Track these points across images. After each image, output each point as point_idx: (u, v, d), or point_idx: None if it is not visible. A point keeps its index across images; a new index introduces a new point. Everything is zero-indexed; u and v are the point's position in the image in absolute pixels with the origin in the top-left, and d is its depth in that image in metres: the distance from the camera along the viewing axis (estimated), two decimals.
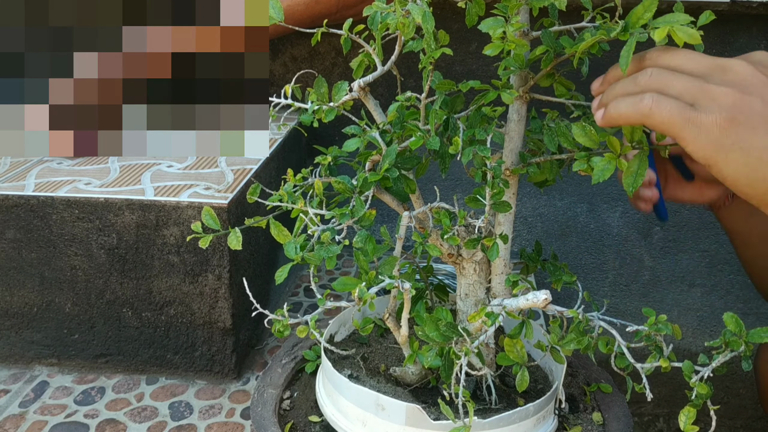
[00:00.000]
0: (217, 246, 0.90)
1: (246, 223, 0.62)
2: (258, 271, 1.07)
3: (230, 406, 0.92)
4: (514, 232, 1.47)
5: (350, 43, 0.61)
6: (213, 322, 0.94)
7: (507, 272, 0.66)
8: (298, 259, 0.56)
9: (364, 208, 0.57)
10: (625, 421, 0.71)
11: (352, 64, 0.63)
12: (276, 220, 0.62)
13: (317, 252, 0.57)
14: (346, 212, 0.57)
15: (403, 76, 1.41)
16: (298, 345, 0.84)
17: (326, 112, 0.58)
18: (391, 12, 0.53)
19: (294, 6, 1.23)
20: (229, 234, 0.59)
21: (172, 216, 0.90)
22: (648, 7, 0.45)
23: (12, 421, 0.88)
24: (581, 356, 0.82)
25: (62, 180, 0.98)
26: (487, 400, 0.69)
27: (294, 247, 0.57)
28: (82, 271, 0.94)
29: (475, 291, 0.68)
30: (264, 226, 0.61)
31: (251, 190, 0.62)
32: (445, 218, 0.63)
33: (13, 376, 0.98)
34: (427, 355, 0.58)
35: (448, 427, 0.59)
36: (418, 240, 0.61)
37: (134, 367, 0.99)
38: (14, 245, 0.94)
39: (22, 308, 0.96)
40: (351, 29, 0.60)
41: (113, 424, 0.88)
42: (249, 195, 0.62)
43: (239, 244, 0.59)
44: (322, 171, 0.64)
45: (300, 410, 0.74)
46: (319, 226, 0.57)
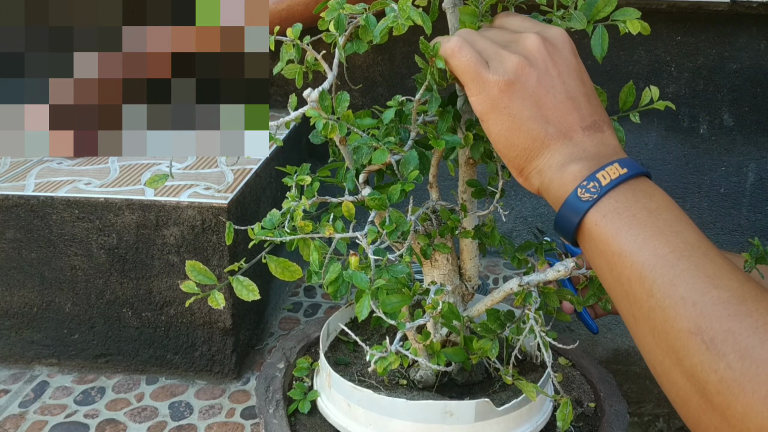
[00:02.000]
0: (217, 246, 0.90)
1: (234, 267, 0.60)
2: (258, 272, 1.07)
3: (230, 406, 0.92)
4: (515, 232, 1.47)
5: (300, 49, 0.60)
6: (213, 322, 0.94)
7: (476, 258, 0.72)
8: (373, 289, 0.53)
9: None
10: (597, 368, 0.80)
11: (286, 74, 0.62)
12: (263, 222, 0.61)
13: (386, 274, 0.55)
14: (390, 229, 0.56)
15: (404, 77, 1.41)
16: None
17: (333, 128, 0.56)
18: (390, 15, 0.52)
19: (294, 6, 1.23)
20: (209, 295, 0.57)
21: (172, 216, 0.90)
22: (609, 2, 0.50)
23: (12, 421, 0.88)
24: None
25: (62, 180, 0.98)
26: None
27: (362, 278, 0.54)
28: (82, 271, 0.94)
29: (450, 279, 0.70)
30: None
31: (227, 233, 0.62)
32: (445, 213, 0.65)
33: (13, 376, 0.98)
34: (487, 347, 0.62)
35: (510, 411, 0.64)
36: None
37: (134, 367, 0.99)
38: (14, 245, 0.94)
39: (22, 308, 0.96)
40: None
41: (113, 424, 0.88)
42: (227, 236, 0.62)
43: (220, 305, 0.57)
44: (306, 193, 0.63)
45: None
46: (369, 250, 0.55)
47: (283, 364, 0.81)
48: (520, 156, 0.47)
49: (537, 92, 0.46)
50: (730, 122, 1.37)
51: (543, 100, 0.46)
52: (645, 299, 0.40)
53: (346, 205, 0.61)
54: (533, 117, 0.46)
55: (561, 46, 0.47)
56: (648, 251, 0.40)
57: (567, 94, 0.46)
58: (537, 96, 0.46)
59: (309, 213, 0.63)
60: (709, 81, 1.35)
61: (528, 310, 0.61)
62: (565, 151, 0.45)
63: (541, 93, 0.46)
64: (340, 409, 0.70)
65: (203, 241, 0.90)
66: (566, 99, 0.46)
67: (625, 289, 0.41)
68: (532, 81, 0.46)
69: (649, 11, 1.27)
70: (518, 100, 0.46)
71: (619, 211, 0.42)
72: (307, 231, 0.60)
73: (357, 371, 0.76)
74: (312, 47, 0.60)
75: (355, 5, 0.56)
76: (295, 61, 0.61)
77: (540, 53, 0.46)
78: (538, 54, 0.46)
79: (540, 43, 0.46)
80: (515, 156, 0.47)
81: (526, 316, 0.61)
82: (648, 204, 0.42)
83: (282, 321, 1.14)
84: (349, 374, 0.75)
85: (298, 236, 0.60)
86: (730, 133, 1.38)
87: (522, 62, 0.46)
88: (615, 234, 0.42)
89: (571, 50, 0.48)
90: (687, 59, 1.34)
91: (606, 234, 0.42)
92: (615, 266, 0.42)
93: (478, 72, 0.46)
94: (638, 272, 0.40)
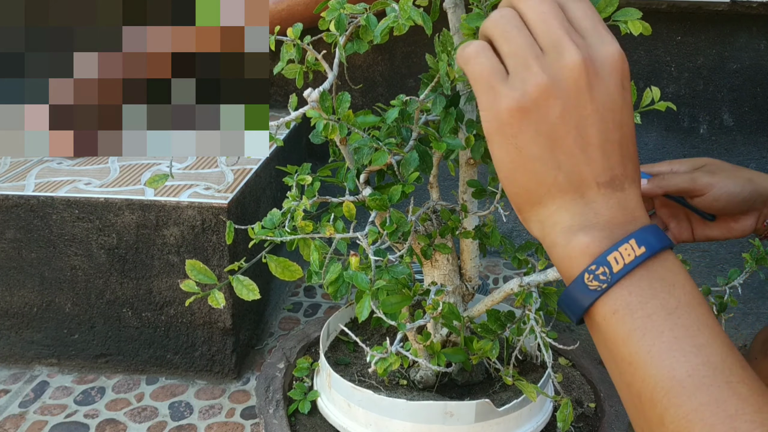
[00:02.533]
0: (217, 246, 0.90)
1: (234, 267, 0.60)
2: (258, 271, 1.07)
3: (230, 406, 0.92)
4: (515, 232, 1.47)
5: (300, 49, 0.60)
6: (213, 322, 0.94)
7: (477, 258, 0.72)
8: (373, 290, 0.53)
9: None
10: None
11: (286, 73, 0.62)
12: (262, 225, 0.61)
13: (386, 275, 0.54)
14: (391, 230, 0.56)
15: (404, 77, 1.41)
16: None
17: (334, 128, 0.56)
18: (391, 15, 0.52)
19: (294, 6, 1.23)
20: (209, 294, 0.57)
21: (172, 216, 0.90)
22: (610, 2, 0.49)
23: (12, 421, 0.88)
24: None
25: (62, 180, 0.98)
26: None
27: (363, 278, 0.53)
28: (82, 271, 0.94)
29: (451, 279, 0.70)
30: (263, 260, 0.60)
31: (228, 233, 0.62)
32: (446, 213, 0.65)
33: (13, 376, 0.98)
34: (488, 347, 0.62)
35: (510, 411, 0.64)
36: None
37: (134, 367, 0.99)
38: (14, 245, 0.93)
39: (22, 308, 0.96)
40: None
41: (113, 424, 0.88)
42: (227, 236, 0.62)
43: (220, 304, 0.57)
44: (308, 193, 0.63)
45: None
46: (370, 251, 0.55)
47: (283, 364, 0.81)
48: (521, 195, 0.40)
49: (556, 129, 0.37)
50: (730, 122, 1.37)
51: (560, 141, 0.38)
52: (655, 423, 0.35)
53: (347, 205, 0.61)
54: (543, 158, 0.38)
55: (608, 75, 0.38)
56: (663, 370, 0.35)
57: (593, 139, 0.38)
58: (554, 134, 0.38)
59: (309, 213, 0.63)
60: (709, 81, 1.35)
61: (528, 310, 0.61)
62: (574, 210, 0.39)
63: (560, 131, 0.37)
64: (340, 409, 0.70)
65: (203, 240, 0.90)
66: (590, 144, 0.38)
67: (634, 402, 0.37)
68: (553, 114, 0.37)
69: (649, 11, 1.27)
70: (530, 132, 0.38)
71: (632, 309, 0.36)
72: (307, 231, 0.60)
73: (357, 371, 0.76)
74: (312, 47, 0.60)
75: (355, 5, 0.56)
76: (296, 61, 0.61)
77: (575, 81, 0.37)
78: (572, 81, 0.37)
79: (581, 67, 0.37)
80: (515, 193, 0.40)
81: (527, 317, 0.61)
82: (667, 301, 0.36)
83: (282, 321, 1.14)
84: (349, 374, 0.75)
85: (298, 236, 0.60)
86: (730, 133, 1.38)
87: (547, 88, 0.37)
88: (626, 338, 0.36)
89: (620, 81, 0.39)
90: (687, 59, 1.34)
91: (615, 335, 0.37)
92: (624, 374, 0.37)
93: (492, 85, 0.38)
94: (650, 393, 0.35)
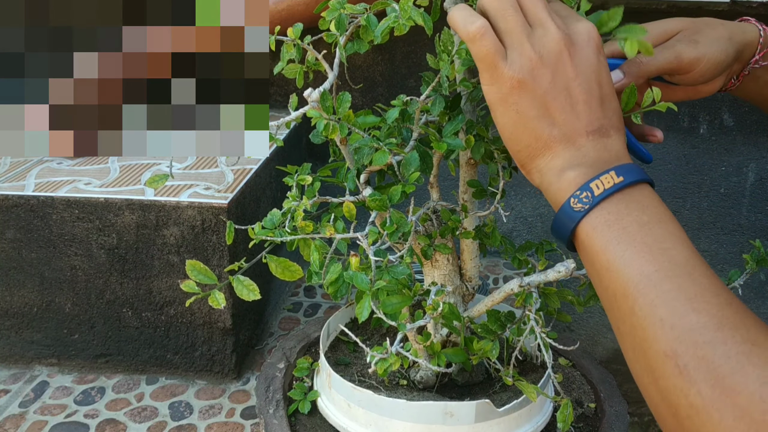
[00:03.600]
0: (217, 246, 0.90)
1: (234, 267, 0.60)
2: (258, 271, 1.07)
3: (230, 406, 0.92)
4: (515, 232, 1.46)
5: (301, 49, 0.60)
6: (213, 322, 0.94)
7: (477, 258, 0.72)
8: (373, 290, 0.53)
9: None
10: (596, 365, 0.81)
11: (286, 73, 0.62)
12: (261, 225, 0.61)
13: (386, 275, 0.54)
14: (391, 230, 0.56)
15: (404, 77, 1.40)
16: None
17: (334, 128, 0.56)
18: (392, 15, 0.52)
19: (294, 6, 1.23)
20: (209, 295, 0.57)
21: (172, 216, 0.90)
22: (612, 17, 0.49)
23: (12, 421, 0.88)
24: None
25: (62, 180, 0.98)
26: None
27: (363, 279, 0.54)
28: (82, 271, 0.94)
29: (451, 279, 0.70)
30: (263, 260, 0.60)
31: (228, 233, 0.62)
32: (446, 213, 0.65)
33: (13, 376, 0.98)
34: (488, 347, 0.62)
35: (510, 411, 0.64)
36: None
37: (134, 367, 0.98)
38: (14, 245, 0.93)
39: (22, 308, 0.96)
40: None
41: (113, 424, 0.88)
42: (227, 236, 0.62)
43: (220, 304, 0.57)
44: (308, 193, 0.63)
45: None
46: (370, 251, 0.55)
47: (283, 364, 0.81)
48: (523, 152, 0.47)
49: (548, 93, 0.45)
50: (730, 122, 1.37)
51: (552, 102, 0.45)
52: (628, 316, 0.40)
53: (347, 205, 0.61)
54: (539, 117, 0.46)
55: (584, 44, 0.46)
56: (634, 269, 0.40)
57: (579, 97, 0.45)
58: (547, 97, 0.45)
59: (309, 213, 0.63)
60: None
61: (528, 310, 0.61)
62: (565, 155, 0.46)
63: (551, 94, 0.45)
64: (340, 409, 0.70)
65: (203, 241, 0.90)
66: (577, 102, 0.45)
67: (611, 302, 0.42)
68: (544, 81, 0.45)
69: (649, 11, 1.27)
70: (527, 99, 0.46)
71: (610, 224, 0.42)
72: (307, 231, 0.60)
73: (357, 371, 0.76)
74: (312, 47, 0.60)
75: (356, 5, 0.56)
76: (296, 61, 0.61)
77: (558, 53, 0.45)
78: (555, 53, 0.45)
79: (560, 41, 0.45)
80: (518, 151, 0.48)
81: (527, 317, 0.61)
82: (640, 217, 0.42)
83: (282, 321, 1.14)
84: (350, 374, 0.75)
85: (298, 236, 0.60)
86: (730, 133, 1.38)
87: (538, 61, 0.45)
88: (604, 247, 0.42)
89: (595, 48, 0.47)
90: None
91: (595, 246, 0.42)
92: (603, 279, 0.42)
93: (495, 63, 0.46)
94: (623, 289, 0.40)
